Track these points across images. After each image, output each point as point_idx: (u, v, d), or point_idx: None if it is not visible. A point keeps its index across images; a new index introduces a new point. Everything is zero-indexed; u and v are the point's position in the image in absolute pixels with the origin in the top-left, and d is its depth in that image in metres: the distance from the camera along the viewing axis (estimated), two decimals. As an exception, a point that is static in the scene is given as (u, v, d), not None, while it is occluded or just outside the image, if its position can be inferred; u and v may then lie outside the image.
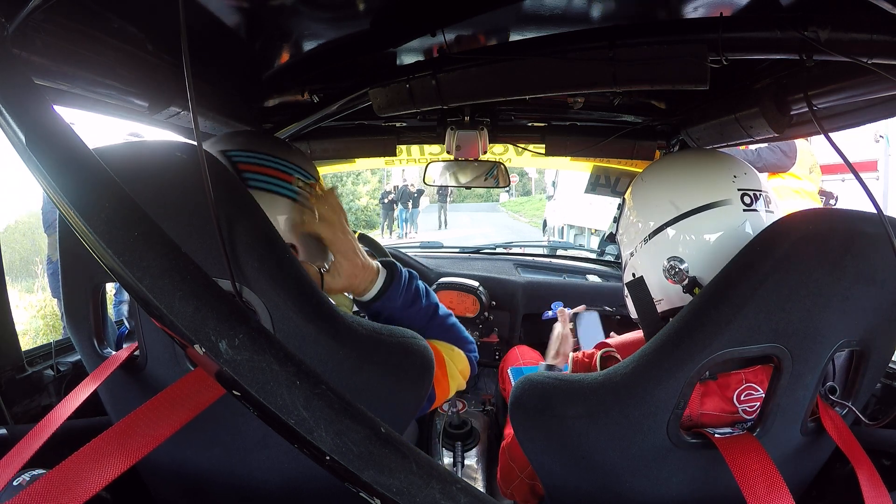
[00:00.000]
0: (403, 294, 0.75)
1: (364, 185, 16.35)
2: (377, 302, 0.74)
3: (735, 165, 0.75)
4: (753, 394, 0.66)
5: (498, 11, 0.82)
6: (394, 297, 0.74)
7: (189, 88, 0.42)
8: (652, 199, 0.79)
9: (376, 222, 14.44)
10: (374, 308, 0.75)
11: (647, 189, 0.81)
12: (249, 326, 0.32)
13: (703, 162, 0.78)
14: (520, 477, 0.93)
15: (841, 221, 0.59)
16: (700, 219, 0.72)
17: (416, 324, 0.73)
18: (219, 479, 0.63)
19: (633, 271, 0.82)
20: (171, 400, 0.40)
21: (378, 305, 0.74)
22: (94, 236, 0.33)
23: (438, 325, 0.79)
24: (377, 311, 0.75)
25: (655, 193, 0.79)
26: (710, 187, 0.73)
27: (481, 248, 2.30)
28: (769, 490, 0.52)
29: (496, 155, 1.81)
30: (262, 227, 0.53)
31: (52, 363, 0.84)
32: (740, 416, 0.66)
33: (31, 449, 0.49)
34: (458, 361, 0.80)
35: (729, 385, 0.66)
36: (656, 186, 0.79)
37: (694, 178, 0.76)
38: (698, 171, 0.77)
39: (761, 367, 0.66)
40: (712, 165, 0.76)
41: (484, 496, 0.30)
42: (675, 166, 0.80)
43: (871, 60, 0.66)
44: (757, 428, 0.63)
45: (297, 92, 1.15)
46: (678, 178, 0.77)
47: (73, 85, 0.66)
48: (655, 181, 0.80)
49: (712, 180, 0.74)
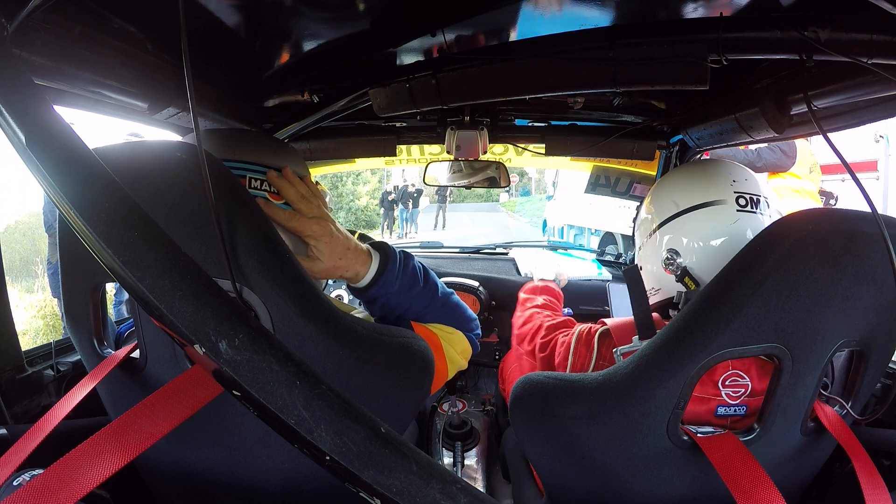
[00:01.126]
0: (400, 277, 0.71)
1: (364, 185, 16.33)
2: (373, 287, 0.70)
3: (737, 172, 0.83)
4: (739, 381, 0.68)
5: (498, 11, 0.82)
6: (390, 281, 0.70)
7: (189, 88, 0.42)
8: (660, 198, 0.88)
9: (376, 222, 14.44)
10: (371, 294, 0.71)
11: (659, 190, 0.91)
12: (249, 326, 0.32)
13: (707, 168, 0.86)
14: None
15: (841, 221, 0.59)
16: (695, 215, 0.80)
17: (416, 307, 0.70)
18: (219, 478, 0.63)
19: (639, 263, 0.91)
20: (169, 397, 0.40)
21: (374, 291, 0.70)
22: (94, 236, 0.33)
23: (440, 307, 0.76)
24: (373, 297, 0.71)
25: (663, 194, 0.88)
26: (707, 188, 0.81)
27: (481, 248, 2.30)
28: (755, 486, 0.52)
29: (496, 155, 1.81)
30: (262, 227, 0.53)
31: (52, 363, 0.84)
32: (723, 399, 0.68)
33: (29, 448, 0.49)
34: (456, 344, 0.77)
35: (716, 370, 0.67)
36: (665, 188, 0.89)
37: (696, 179, 0.85)
38: (701, 174, 0.85)
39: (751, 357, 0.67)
40: (714, 171, 0.84)
41: (484, 496, 0.30)
42: (684, 171, 0.91)
43: (871, 60, 0.66)
44: (757, 428, 0.63)
45: (297, 92, 1.15)
46: (683, 180, 0.87)
47: (73, 85, 0.66)
48: (666, 184, 0.90)
49: (711, 182, 0.82)
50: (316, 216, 0.65)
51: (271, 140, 0.71)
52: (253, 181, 0.63)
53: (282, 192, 0.64)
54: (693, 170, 0.89)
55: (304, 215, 0.64)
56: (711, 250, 0.77)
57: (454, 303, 0.79)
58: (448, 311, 0.78)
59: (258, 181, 0.63)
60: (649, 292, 0.88)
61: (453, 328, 0.78)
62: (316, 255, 0.66)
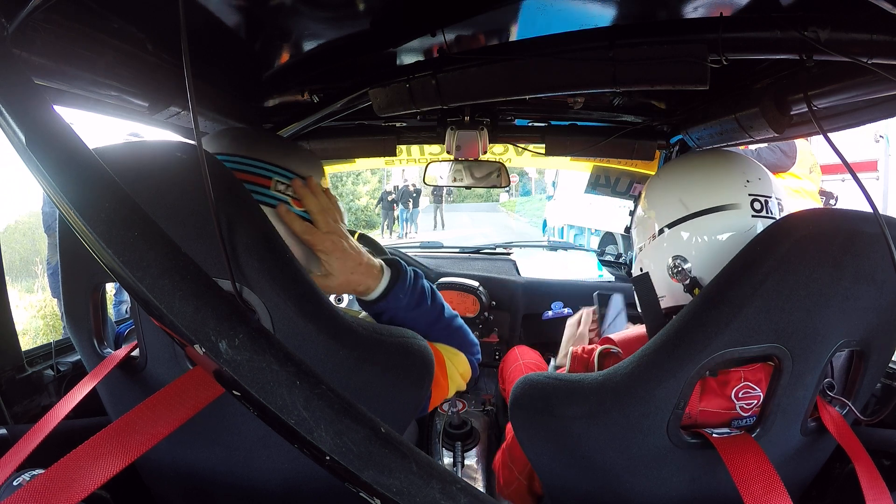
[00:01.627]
0: (409, 294, 0.73)
1: (364, 185, 16.33)
2: (382, 301, 0.71)
3: (750, 170, 0.75)
4: (751, 392, 0.66)
5: (498, 11, 0.82)
6: (399, 298, 0.72)
7: (189, 88, 0.42)
8: (664, 196, 0.79)
9: (376, 222, 14.44)
10: (378, 308, 0.72)
11: (661, 186, 0.81)
12: (249, 326, 0.32)
13: (717, 163, 0.78)
14: (518, 479, 0.93)
15: (841, 221, 0.59)
16: (707, 220, 0.72)
17: (419, 326, 0.71)
18: (219, 479, 0.63)
19: (641, 266, 0.82)
20: (170, 398, 0.40)
21: (382, 305, 0.72)
22: (94, 236, 0.33)
23: (444, 328, 0.77)
24: (381, 311, 0.73)
25: (668, 191, 0.79)
26: (720, 189, 0.73)
27: (481, 248, 2.30)
28: (767, 490, 0.52)
29: (496, 155, 1.81)
30: (262, 227, 0.53)
31: (52, 363, 0.84)
32: (737, 412, 0.66)
33: (29, 448, 0.49)
34: (458, 364, 0.78)
35: (728, 382, 0.66)
36: (669, 184, 0.80)
37: (706, 178, 0.76)
38: (711, 172, 0.76)
39: (760, 365, 0.66)
40: (725, 167, 0.76)
41: (484, 496, 0.30)
42: (690, 165, 0.81)
43: (871, 60, 0.66)
44: (757, 428, 0.63)
45: (297, 92, 1.15)
46: (691, 178, 0.78)
47: (73, 85, 0.66)
48: (669, 179, 0.81)
49: (723, 183, 0.74)
50: (331, 231, 0.66)
51: (301, 149, 0.73)
52: (279, 184, 0.65)
53: (304, 200, 0.65)
54: (702, 165, 0.79)
55: (319, 229, 0.65)
56: (724, 259, 0.64)
57: (458, 325, 0.80)
58: (452, 332, 0.79)
59: (283, 185, 0.65)
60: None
61: (456, 350, 0.79)
62: (328, 271, 0.67)
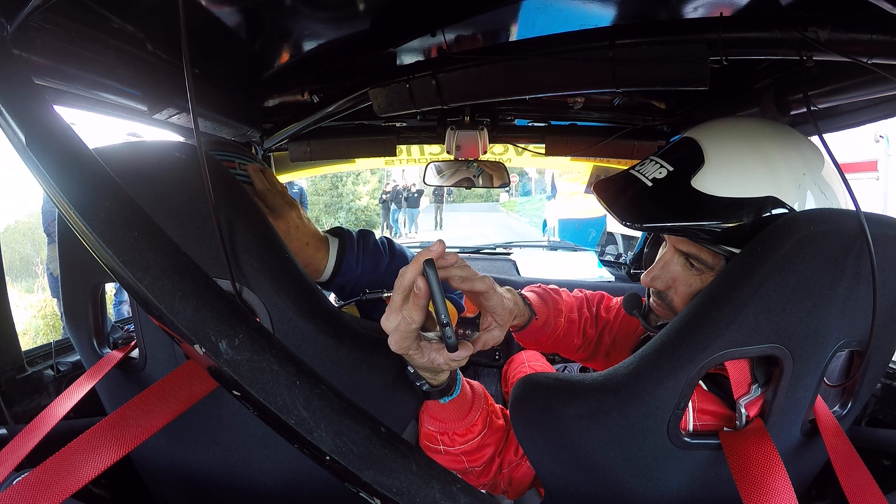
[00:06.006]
0: (362, 260, 0.70)
1: (364, 185, 16.32)
2: (339, 277, 0.69)
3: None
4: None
5: (498, 11, 0.82)
6: (351, 267, 0.69)
7: (189, 88, 0.42)
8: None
9: (376, 222, 14.45)
10: (337, 284, 0.70)
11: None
12: (249, 326, 0.32)
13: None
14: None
15: (842, 222, 0.59)
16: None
17: (389, 280, 0.71)
18: (219, 479, 0.63)
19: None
20: (164, 392, 0.40)
21: (341, 280, 0.69)
22: (94, 236, 0.33)
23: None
24: (341, 286, 0.70)
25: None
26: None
27: (481, 248, 2.30)
28: (773, 482, 0.51)
29: (496, 155, 1.81)
30: (262, 227, 0.53)
31: (52, 363, 0.84)
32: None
33: (26, 446, 0.48)
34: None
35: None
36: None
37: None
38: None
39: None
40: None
41: (484, 496, 0.30)
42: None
43: (871, 60, 0.66)
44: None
45: (297, 92, 1.15)
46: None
47: (73, 85, 0.66)
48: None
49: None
50: (277, 210, 0.70)
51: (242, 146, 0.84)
52: (241, 165, 0.72)
53: (254, 181, 0.71)
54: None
55: (265, 204, 0.70)
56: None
57: None
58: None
59: (244, 167, 0.72)
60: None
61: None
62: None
